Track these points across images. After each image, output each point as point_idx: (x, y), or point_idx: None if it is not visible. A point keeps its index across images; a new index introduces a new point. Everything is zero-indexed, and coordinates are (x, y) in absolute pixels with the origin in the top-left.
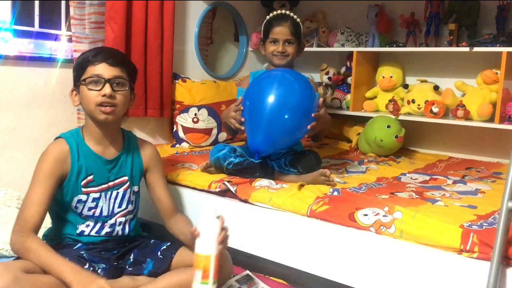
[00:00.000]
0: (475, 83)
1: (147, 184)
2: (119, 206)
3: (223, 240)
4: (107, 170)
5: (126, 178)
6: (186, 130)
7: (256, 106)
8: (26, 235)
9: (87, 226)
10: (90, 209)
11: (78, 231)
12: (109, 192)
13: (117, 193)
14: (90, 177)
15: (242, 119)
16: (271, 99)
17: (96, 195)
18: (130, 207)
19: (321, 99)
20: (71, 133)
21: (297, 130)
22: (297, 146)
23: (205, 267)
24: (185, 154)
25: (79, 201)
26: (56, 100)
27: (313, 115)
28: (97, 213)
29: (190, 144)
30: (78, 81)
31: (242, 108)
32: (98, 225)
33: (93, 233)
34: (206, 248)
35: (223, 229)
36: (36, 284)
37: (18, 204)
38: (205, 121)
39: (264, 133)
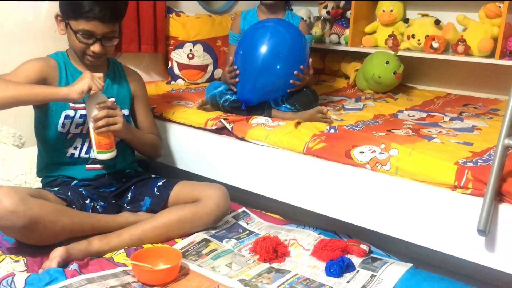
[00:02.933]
0: (478, 17)
1: (132, 111)
2: None
3: (101, 117)
4: None
5: (113, 99)
6: (181, 66)
7: (248, 57)
8: None
9: (75, 148)
10: (77, 126)
11: (68, 155)
12: None
13: None
14: None
15: (237, 80)
16: (263, 50)
17: (84, 111)
18: None
19: (310, 59)
20: (57, 54)
21: (287, 81)
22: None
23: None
24: (181, 91)
25: (67, 116)
26: (47, 36)
27: (295, 73)
28: (85, 130)
29: (185, 80)
30: (67, 18)
31: (235, 67)
32: (86, 144)
33: (82, 154)
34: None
35: (103, 104)
36: (42, 205)
37: (14, 141)
38: (201, 57)
39: (254, 82)
